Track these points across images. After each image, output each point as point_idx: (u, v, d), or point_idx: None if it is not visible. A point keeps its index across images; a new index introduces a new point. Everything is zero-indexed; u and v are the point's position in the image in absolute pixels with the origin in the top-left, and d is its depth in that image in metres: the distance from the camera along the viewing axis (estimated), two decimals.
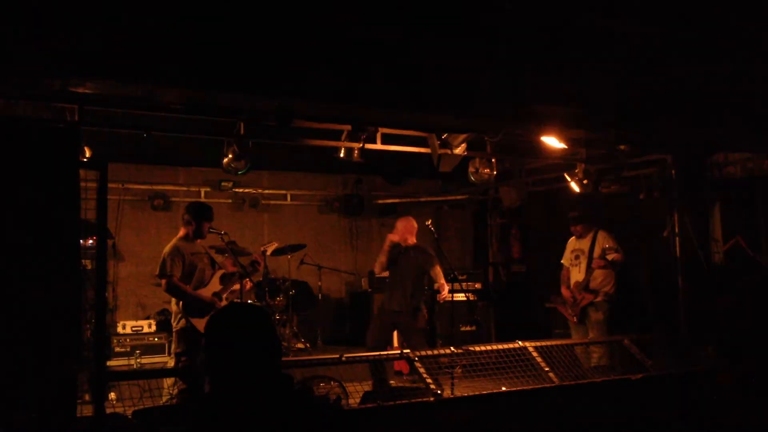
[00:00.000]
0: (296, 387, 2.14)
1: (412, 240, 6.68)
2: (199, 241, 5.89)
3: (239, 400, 1.97)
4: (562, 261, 7.62)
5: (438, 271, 6.67)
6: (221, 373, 2.04)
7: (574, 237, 7.56)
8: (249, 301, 6.93)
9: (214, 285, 5.84)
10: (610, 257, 7.09)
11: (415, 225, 6.76)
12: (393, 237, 6.66)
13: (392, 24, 4.64)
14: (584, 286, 7.18)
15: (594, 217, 7.52)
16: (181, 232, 5.85)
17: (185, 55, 4.27)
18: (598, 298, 7.13)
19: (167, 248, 5.73)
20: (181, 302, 5.64)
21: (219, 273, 5.92)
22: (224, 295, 5.89)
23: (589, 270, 7.16)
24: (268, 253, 6.41)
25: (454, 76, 5.05)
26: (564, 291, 7.45)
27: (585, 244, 7.36)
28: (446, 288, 6.61)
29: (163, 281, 5.65)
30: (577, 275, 7.33)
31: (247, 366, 2.01)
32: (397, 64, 4.83)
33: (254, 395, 1.98)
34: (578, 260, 7.37)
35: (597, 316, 7.12)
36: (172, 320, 5.81)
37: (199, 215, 5.84)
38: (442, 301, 6.84)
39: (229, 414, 1.95)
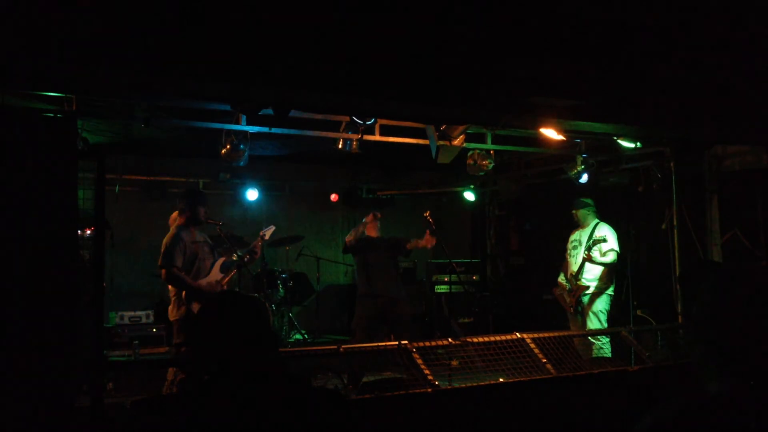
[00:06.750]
0: (294, 374, 2.13)
1: (371, 233, 6.93)
2: (199, 229, 5.89)
3: (235, 388, 1.97)
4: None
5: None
6: (213, 362, 2.04)
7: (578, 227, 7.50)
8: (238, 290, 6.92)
9: (215, 274, 5.83)
10: (597, 255, 7.04)
11: (372, 218, 7.03)
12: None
13: (391, 13, 4.61)
14: (577, 276, 7.17)
15: (598, 208, 7.45)
16: (180, 221, 5.85)
17: (182, 45, 4.25)
18: (592, 289, 7.12)
19: (167, 238, 5.71)
20: (183, 292, 5.63)
21: (219, 262, 5.91)
22: (224, 284, 5.89)
23: (582, 261, 7.14)
24: (266, 237, 6.38)
25: (454, 66, 5.02)
26: (560, 281, 7.45)
27: (584, 234, 7.32)
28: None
29: (164, 271, 5.64)
30: (572, 266, 7.33)
31: (239, 353, 2.01)
32: (396, 53, 4.80)
33: (250, 383, 1.98)
34: (575, 250, 7.36)
35: (592, 307, 7.10)
36: (171, 310, 5.80)
37: (192, 201, 5.83)
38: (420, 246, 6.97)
39: (226, 402, 1.95)
